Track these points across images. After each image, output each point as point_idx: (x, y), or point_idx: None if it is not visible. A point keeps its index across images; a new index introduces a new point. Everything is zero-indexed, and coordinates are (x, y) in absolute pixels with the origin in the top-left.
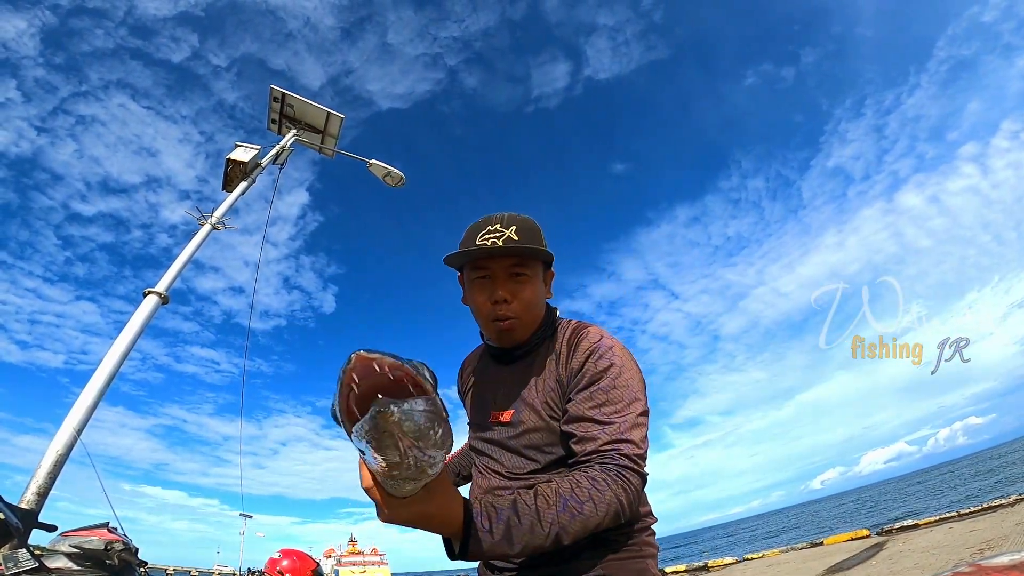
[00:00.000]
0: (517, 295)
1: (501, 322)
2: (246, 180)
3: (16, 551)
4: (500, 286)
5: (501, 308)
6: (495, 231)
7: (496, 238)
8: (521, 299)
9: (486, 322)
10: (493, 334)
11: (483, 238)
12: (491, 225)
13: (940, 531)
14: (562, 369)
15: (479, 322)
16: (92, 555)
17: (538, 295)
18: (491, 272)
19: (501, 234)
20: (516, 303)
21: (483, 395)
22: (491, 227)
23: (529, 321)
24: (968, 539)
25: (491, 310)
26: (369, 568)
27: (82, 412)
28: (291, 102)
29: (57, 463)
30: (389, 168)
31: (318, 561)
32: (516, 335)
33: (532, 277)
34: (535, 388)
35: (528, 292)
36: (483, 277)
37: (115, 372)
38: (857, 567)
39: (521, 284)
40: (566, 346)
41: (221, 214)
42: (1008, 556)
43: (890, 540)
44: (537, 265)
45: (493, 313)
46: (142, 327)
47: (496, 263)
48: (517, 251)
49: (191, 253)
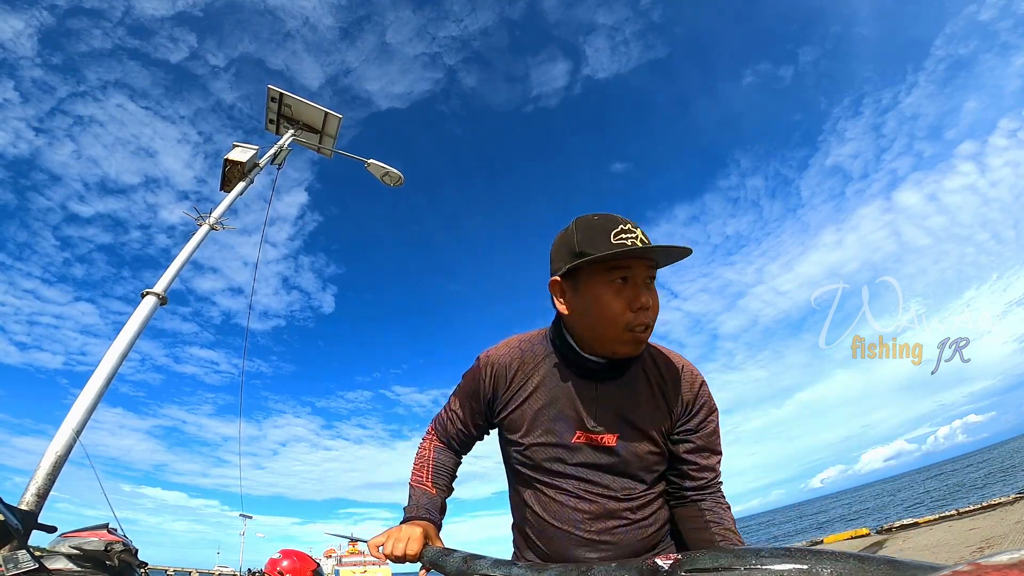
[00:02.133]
0: (654, 304)
1: (639, 333)
2: (244, 180)
3: (16, 552)
4: (643, 292)
5: (643, 316)
6: (629, 230)
7: (634, 239)
8: (655, 308)
9: (618, 330)
10: (625, 344)
11: (619, 237)
12: (622, 224)
13: (940, 529)
14: (671, 400)
15: (602, 331)
16: (92, 556)
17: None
18: (631, 275)
19: (635, 234)
20: (652, 312)
21: (564, 413)
22: (623, 225)
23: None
24: (968, 537)
25: (631, 318)
26: (370, 568)
27: (81, 413)
28: (289, 102)
29: (56, 464)
30: (387, 168)
31: (318, 561)
32: (642, 348)
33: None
34: (644, 414)
35: (657, 301)
36: (622, 279)
37: (114, 373)
38: None
39: (654, 291)
40: (668, 375)
41: (219, 214)
42: (1008, 555)
43: (890, 538)
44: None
45: (633, 321)
46: (140, 328)
47: (638, 266)
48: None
49: (189, 254)
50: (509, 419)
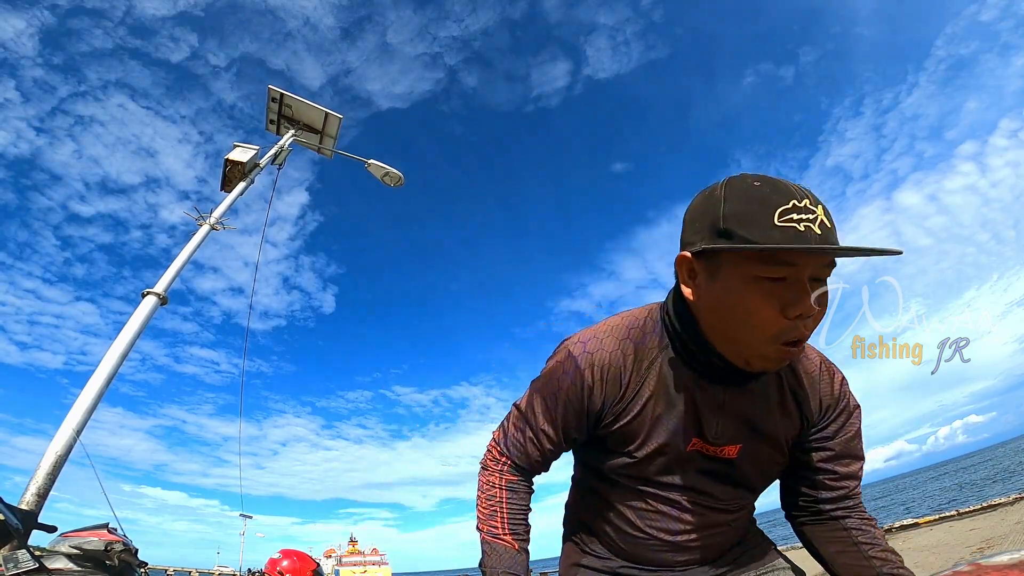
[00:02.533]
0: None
1: (793, 347)
2: (245, 180)
3: (16, 552)
4: (807, 296)
5: (804, 327)
6: (804, 208)
7: (811, 222)
8: (820, 317)
9: (763, 342)
10: (769, 359)
11: (787, 218)
12: (797, 200)
13: (940, 530)
14: (806, 407)
15: (744, 336)
16: (92, 556)
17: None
18: (794, 273)
19: (813, 215)
20: (814, 321)
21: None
22: (796, 201)
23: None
24: (968, 538)
25: (784, 327)
26: (370, 568)
27: (81, 413)
28: (289, 102)
29: (57, 464)
30: (388, 168)
31: (318, 561)
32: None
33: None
34: (773, 424)
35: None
36: (779, 279)
37: (114, 373)
38: None
39: (824, 297)
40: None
41: (220, 214)
42: (1008, 555)
43: (890, 538)
44: None
45: (787, 333)
46: (141, 328)
47: (808, 262)
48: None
49: (190, 254)
50: (621, 431)
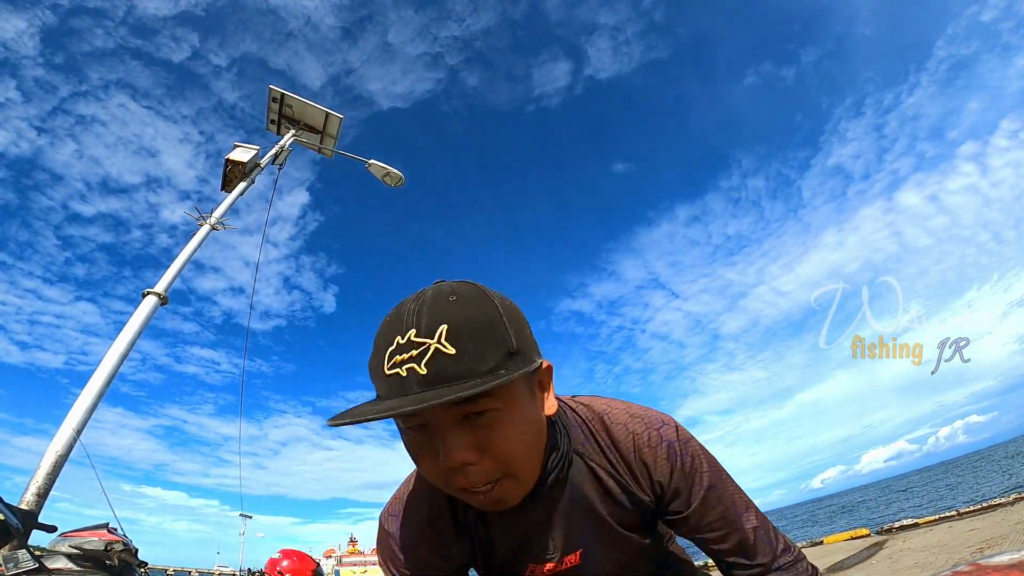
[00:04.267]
0: (488, 446)
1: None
2: (245, 180)
3: (16, 552)
4: (452, 443)
5: (466, 476)
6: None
7: (414, 362)
8: (495, 450)
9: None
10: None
11: (393, 362)
12: (402, 338)
13: (940, 530)
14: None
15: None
16: (92, 556)
17: (522, 434)
18: (428, 419)
19: (422, 351)
20: (487, 460)
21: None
22: (402, 341)
23: (527, 473)
24: (968, 538)
25: (449, 479)
26: (370, 568)
27: (82, 413)
28: (290, 102)
29: (57, 464)
30: (388, 168)
31: (318, 561)
32: (511, 500)
33: (505, 410)
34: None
35: (503, 437)
36: (418, 426)
37: (114, 373)
38: (857, 566)
39: (486, 428)
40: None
41: (220, 214)
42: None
43: (890, 539)
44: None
45: (451, 483)
46: (141, 328)
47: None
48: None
49: (190, 254)
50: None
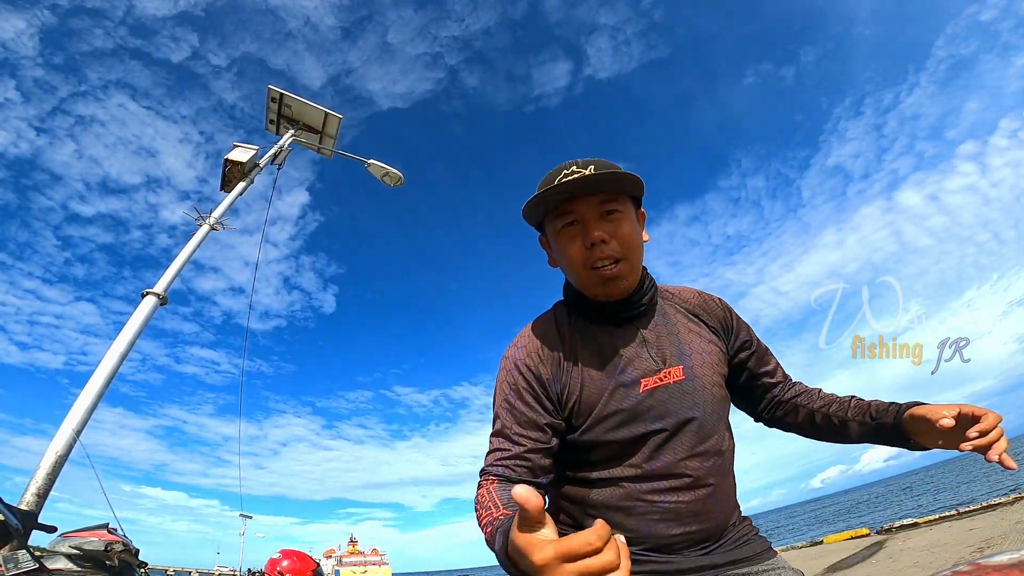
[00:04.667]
0: (615, 234)
1: (603, 269)
2: (244, 180)
3: (16, 552)
4: (594, 227)
5: (600, 251)
6: (573, 172)
7: (575, 177)
8: (620, 237)
9: (584, 272)
10: (596, 284)
11: (561, 180)
12: (567, 168)
13: (940, 529)
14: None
15: (575, 278)
16: (92, 556)
17: (636, 233)
18: (579, 215)
19: (580, 173)
20: (615, 243)
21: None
22: (567, 170)
23: (635, 262)
24: (968, 537)
25: (587, 256)
26: (370, 568)
27: (81, 413)
28: (289, 102)
29: (56, 464)
30: (388, 168)
31: (318, 561)
32: (625, 282)
33: (626, 213)
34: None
35: (627, 228)
36: (571, 223)
37: (114, 373)
38: (857, 565)
39: (616, 222)
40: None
41: (220, 214)
42: (1008, 555)
43: (890, 539)
44: (628, 202)
45: (591, 259)
46: (140, 328)
47: (582, 204)
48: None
49: (189, 254)
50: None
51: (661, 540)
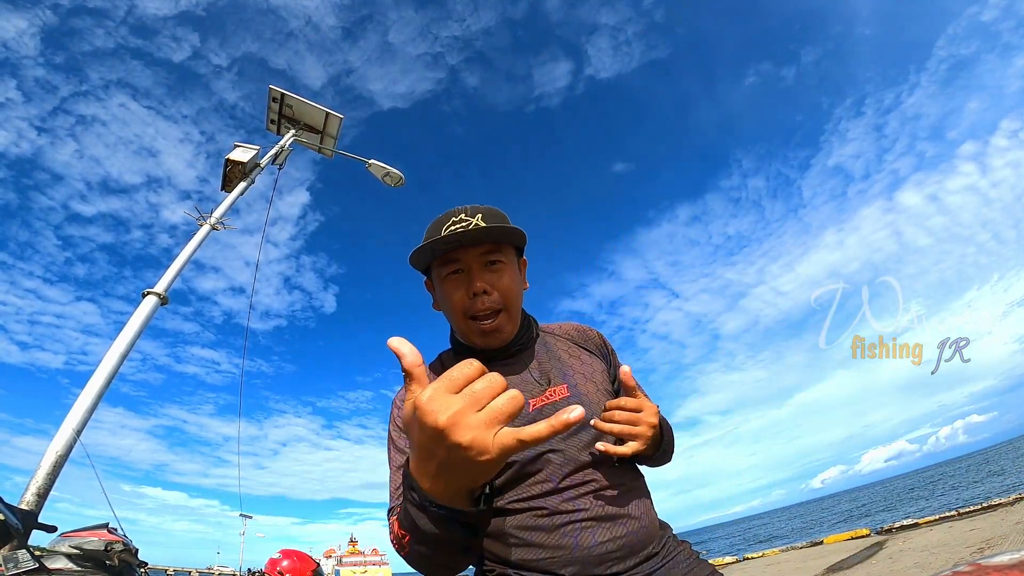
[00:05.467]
0: (496, 284)
1: (484, 321)
2: (245, 180)
3: (16, 552)
4: (477, 277)
5: (481, 301)
6: (461, 220)
7: (463, 227)
8: (501, 288)
9: (464, 322)
10: (475, 335)
11: (448, 229)
12: (455, 216)
13: (940, 530)
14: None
15: (456, 324)
16: (92, 556)
17: (516, 284)
18: (463, 264)
19: (468, 223)
20: (496, 294)
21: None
22: (455, 218)
23: (514, 313)
24: (968, 538)
25: (468, 305)
26: (370, 568)
27: (82, 413)
28: (290, 102)
29: (57, 464)
30: (388, 168)
31: (318, 561)
32: (503, 334)
33: (508, 264)
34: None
35: (507, 280)
36: (455, 272)
37: (114, 373)
38: (857, 566)
39: (499, 272)
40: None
41: (220, 214)
42: (1008, 555)
43: (890, 539)
44: (511, 252)
45: (472, 308)
46: (141, 328)
47: (467, 253)
48: (490, 234)
49: (190, 254)
50: None
51: (595, 552)
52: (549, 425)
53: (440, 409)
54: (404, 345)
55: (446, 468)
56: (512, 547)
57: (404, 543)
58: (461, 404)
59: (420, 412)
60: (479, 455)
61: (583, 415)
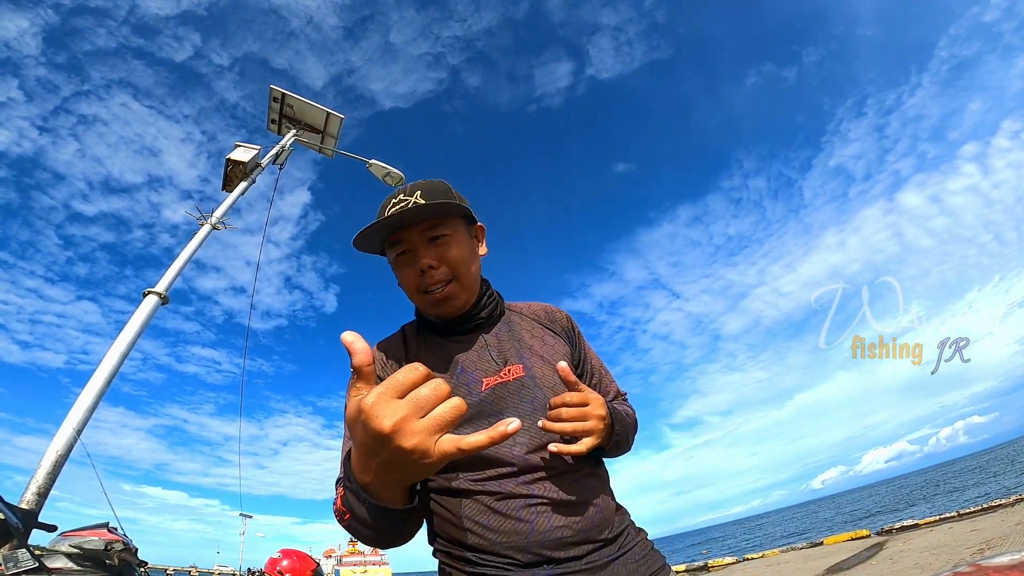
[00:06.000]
0: (443, 258)
1: (434, 292)
2: (246, 180)
3: (16, 551)
4: (422, 254)
5: (429, 276)
6: (399, 201)
7: (402, 206)
8: (448, 260)
9: (418, 296)
10: (429, 306)
11: (391, 210)
12: (395, 197)
13: (940, 531)
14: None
15: (413, 300)
16: (92, 555)
17: (466, 252)
18: (409, 243)
19: (406, 202)
20: (444, 267)
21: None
22: (395, 199)
23: (468, 282)
24: (968, 539)
25: (419, 282)
26: (370, 568)
27: (82, 412)
28: (291, 102)
29: (57, 463)
30: (389, 168)
31: (318, 561)
32: (456, 301)
33: (454, 235)
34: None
35: (454, 252)
36: (402, 253)
37: (115, 373)
38: (857, 567)
39: (443, 246)
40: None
41: (221, 214)
42: (1008, 556)
43: (890, 540)
44: (457, 222)
45: (423, 284)
46: (141, 328)
47: (410, 232)
48: (426, 212)
49: (190, 254)
50: None
51: (550, 537)
52: (488, 436)
53: (384, 414)
54: (358, 342)
55: (385, 467)
56: (467, 531)
57: (344, 519)
58: (405, 411)
59: (365, 416)
60: (420, 459)
61: (520, 427)
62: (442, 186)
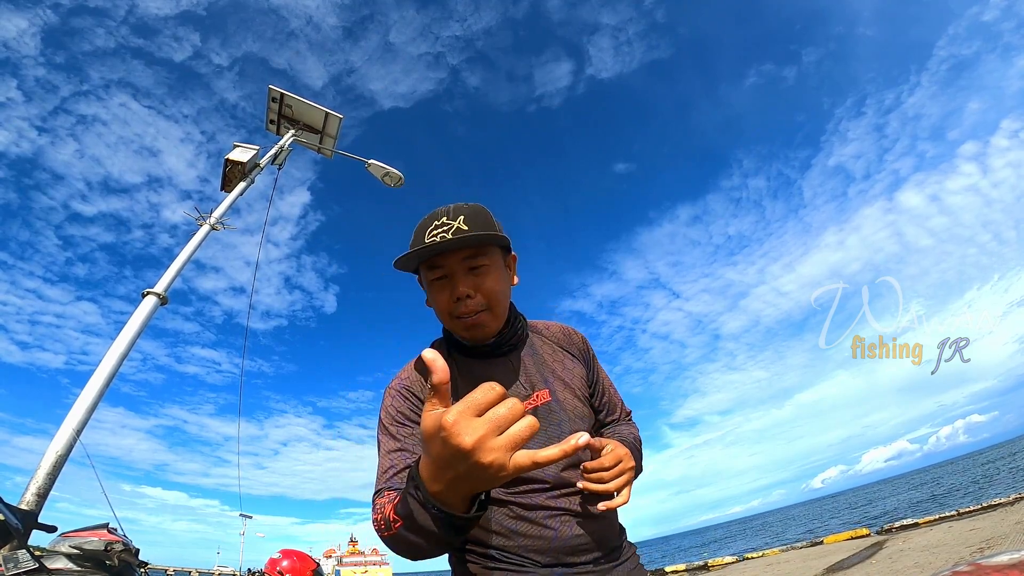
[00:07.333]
0: (480, 287)
1: (466, 319)
2: (245, 180)
3: (16, 552)
4: (460, 282)
5: (464, 305)
6: (443, 224)
7: (445, 231)
8: (484, 290)
9: (450, 321)
10: (461, 330)
11: (431, 235)
12: (438, 220)
13: (940, 530)
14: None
15: (444, 323)
16: (92, 556)
17: (501, 283)
18: (447, 269)
19: (449, 226)
20: (480, 296)
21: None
22: (438, 221)
23: (499, 311)
24: (968, 538)
25: (453, 308)
26: (370, 568)
27: (82, 413)
28: (290, 102)
29: (57, 464)
30: (388, 168)
31: (318, 561)
32: (487, 328)
33: (492, 265)
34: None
35: (490, 282)
36: (440, 278)
37: (114, 373)
38: (857, 566)
39: (481, 276)
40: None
41: (220, 214)
42: (1008, 555)
43: (890, 539)
44: (495, 252)
45: (456, 311)
46: (141, 328)
47: (450, 259)
48: (468, 242)
49: (190, 254)
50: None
51: (570, 543)
52: (561, 450)
53: (465, 432)
54: (438, 360)
55: (460, 480)
56: (494, 533)
57: (394, 527)
58: (485, 429)
59: (446, 432)
60: (496, 473)
61: (589, 441)
62: (484, 213)
